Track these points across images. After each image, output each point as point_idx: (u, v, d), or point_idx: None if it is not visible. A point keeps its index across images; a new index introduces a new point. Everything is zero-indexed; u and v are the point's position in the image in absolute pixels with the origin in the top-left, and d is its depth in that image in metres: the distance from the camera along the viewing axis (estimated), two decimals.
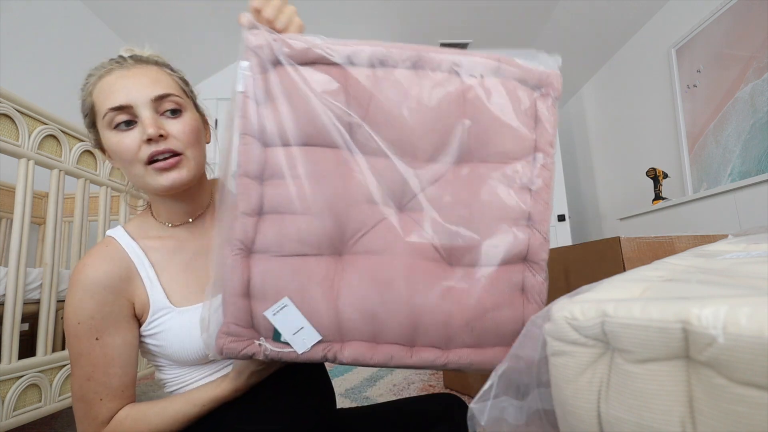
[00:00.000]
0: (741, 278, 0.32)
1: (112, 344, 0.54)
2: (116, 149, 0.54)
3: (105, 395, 0.53)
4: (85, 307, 0.53)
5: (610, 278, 0.40)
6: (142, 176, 0.54)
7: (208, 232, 0.63)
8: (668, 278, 0.38)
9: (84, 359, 0.53)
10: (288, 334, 0.43)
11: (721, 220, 1.76)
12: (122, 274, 0.55)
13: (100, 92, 0.54)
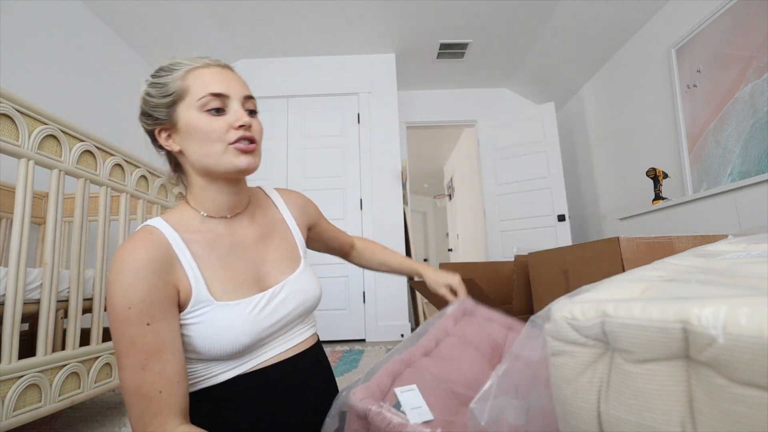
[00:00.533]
0: (741, 278, 0.32)
1: (164, 330, 0.53)
2: (204, 128, 0.59)
3: (163, 386, 0.50)
4: (137, 290, 0.52)
5: (610, 278, 0.40)
6: (221, 154, 0.59)
7: (244, 230, 0.66)
8: (668, 278, 0.37)
9: (137, 347, 0.51)
10: (407, 407, 0.55)
11: (721, 220, 1.76)
12: (167, 260, 0.56)
13: (198, 78, 0.62)
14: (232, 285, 0.60)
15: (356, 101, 3.52)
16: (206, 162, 0.60)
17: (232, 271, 0.62)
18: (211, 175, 0.62)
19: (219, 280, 0.60)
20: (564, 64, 3.56)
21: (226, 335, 0.56)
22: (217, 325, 0.56)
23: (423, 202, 8.85)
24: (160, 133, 0.63)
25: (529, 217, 3.62)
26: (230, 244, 0.64)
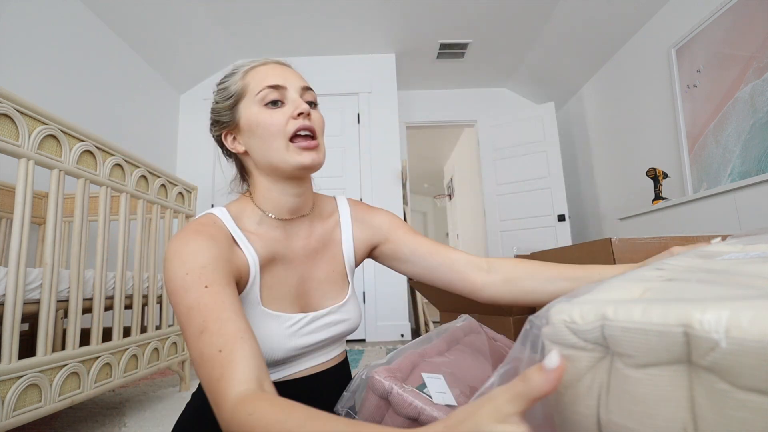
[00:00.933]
0: (740, 277, 0.31)
1: (224, 293, 0.48)
2: (265, 123, 0.58)
3: (222, 344, 0.44)
4: (197, 256, 0.50)
5: (610, 278, 0.39)
6: (283, 151, 0.57)
7: (298, 240, 0.64)
8: (668, 278, 0.37)
9: (194, 312, 0.46)
10: (433, 390, 0.55)
11: (721, 220, 1.76)
12: (227, 240, 0.55)
13: (255, 75, 0.61)
14: (278, 294, 0.59)
15: (356, 101, 3.52)
16: (270, 159, 0.59)
17: (280, 280, 0.60)
18: (275, 173, 0.60)
19: (268, 284, 0.58)
20: (564, 64, 3.56)
21: (261, 345, 0.53)
22: (258, 330, 0.54)
23: (423, 202, 8.85)
24: (226, 137, 0.63)
25: (529, 217, 3.62)
26: (283, 251, 0.62)
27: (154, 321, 1.58)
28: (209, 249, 0.51)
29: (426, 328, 3.16)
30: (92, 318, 1.25)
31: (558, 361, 0.25)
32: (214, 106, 0.64)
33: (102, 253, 1.29)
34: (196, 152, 3.41)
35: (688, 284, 0.32)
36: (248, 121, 0.60)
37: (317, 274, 0.65)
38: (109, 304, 1.36)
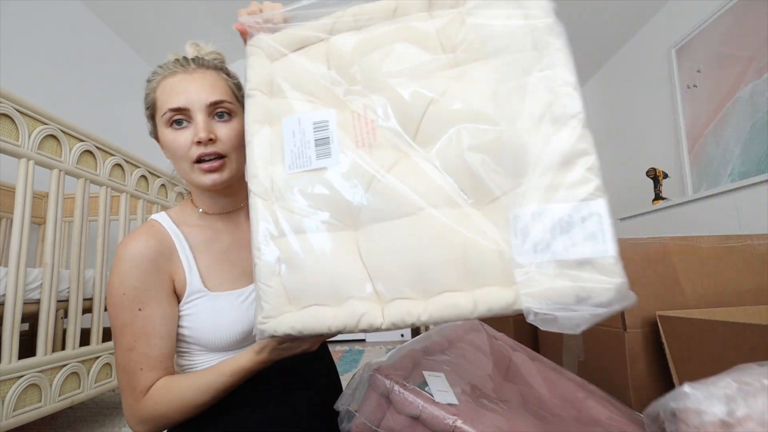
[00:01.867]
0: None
1: (153, 316, 0.56)
2: (170, 145, 0.59)
3: (145, 365, 0.55)
4: (131, 278, 0.55)
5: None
6: (189, 172, 0.60)
7: (242, 226, 0.67)
8: None
9: (127, 330, 0.55)
10: (434, 389, 0.57)
11: (721, 221, 1.76)
12: (164, 251, 0.59)
13: (162, 91, 0.60)
14: (229, 277, 0.62)
15: None
16: (182, 176, 0.62)
17: (230, 263, 0.63)
18: (187, 182, 0.64)
19: (214, 272, 0.62)
20: None
21: (220, 324, 0.58)
22: (211, 314, 0.58)
23: None
24: (157, 140, 0.64)
25: None
26: (229, 241, 0.65)
27: None
28: (143, 266, 0.56)
29: (426, 327, 3.15)
30: (92, 318, 1.25)
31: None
32: (145, 100, 0.63)
33: (102, 253, 1.29)
34: None
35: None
36: (162, 140, 0.61)
37: None
38: None
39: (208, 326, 0.58)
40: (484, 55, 0.46)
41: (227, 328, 0.58)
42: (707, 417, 0.29)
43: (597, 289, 0.35)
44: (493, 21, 0.46)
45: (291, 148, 0.50)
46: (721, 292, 0.84)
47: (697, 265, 0.85)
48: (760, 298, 0.83)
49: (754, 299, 0.83)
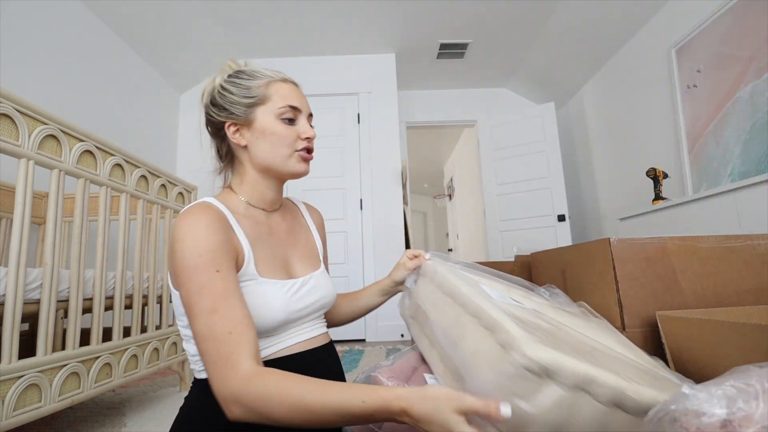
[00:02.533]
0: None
1: (230, 278, 0.57)
2: (280, 133, 0.69)
3: (232, 327, 0.52)
4: (208, 240, 0.57)
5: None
6: (286, 158, 0.70)
7: (278, 223, 0.75)
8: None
9: (206, 291, 0.54)
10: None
11: (721, 220, 1.76)
12: (226, 224, 0.62)
13: (279, 90, 0.70)
14: (271, 266, 0.66)
15: (356, 101, 3.52)
16: (271, 161, 0.70)
17: (270, 254, 0.68)
18: (269, 172, 0.71)
19: (262, 259, 0.66)
20: (564, 64, 3.56)
21: (265, 309, 0.61)
22: (257, 297, 0.61)
23: (423, 202, 8.85)
24: (230, 126, 0.70)
25: (529, 217, 3.62)
26: (267, 232, 0.71)
27: (154, 321, 1.58)
28: (217, 233, 0.58)
29: None
30: (92, 318, 1.25)
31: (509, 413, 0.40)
32: (226, 95, 0.70)
33: (102, 253, 1.29)
34: (196, 152, 3.41)
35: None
36: (263, 126, 0.69)
37: (298, 251, 0.76)
38: (109, 304, 1.36)
39: (253, 308, 0.59)
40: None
41: (270, 315, 0.61)
42: (707, 419, 0.29)
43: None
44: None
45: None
46: (721, 292, 0.84)
47: (696, 265, 0.85)
48: (760, 298, 0.83)
49: (754, 299, 0.83)
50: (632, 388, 0.42)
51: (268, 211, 0.74)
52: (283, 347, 0.65)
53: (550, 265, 1.18)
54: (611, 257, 0.84)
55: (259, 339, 0.61)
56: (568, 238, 3.42)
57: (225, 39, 3.24)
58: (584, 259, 0.96)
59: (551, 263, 1.17)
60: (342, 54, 3.58)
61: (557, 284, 1.07)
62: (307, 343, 0.68)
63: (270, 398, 0.47)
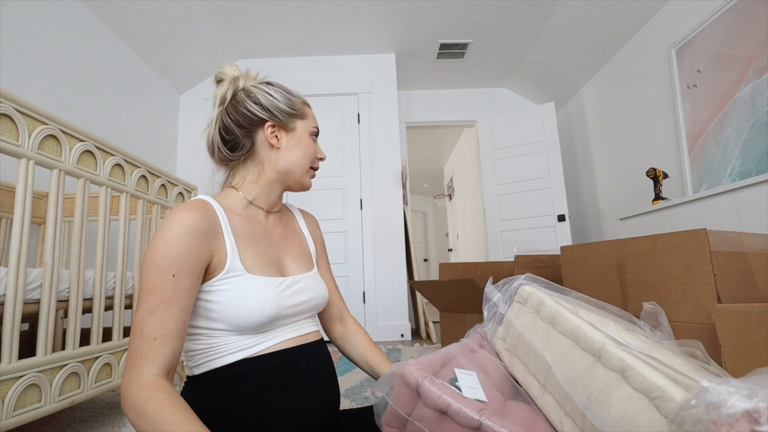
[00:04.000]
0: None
1: (182, 285, 0.58)
2: (309, 147, 0.77)
3: (159, 335, 0.55)
4: (178, 244, 0.59)
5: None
6: (304, 171, 0.77)
7: (273, 225, 0.79)
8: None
9: (155, 292, 0.57)
10: (463, 385, 0.59)
11: (721, 220, 1.76)
12: (212, 227, 0.64)
13: (310, 112, 0.80)
14: (261, 263, 0.68)
15: (356, 101, 3.52)
16: (294, 168, 0.75)
17: (262, 252, 0.70)
18: (286, 177, 0.76)
19: (251, 256, 0.68)
20: (564, 64, 3.56)
21: (253, 303, 0.62)
22: (246, 292, 0.63)
23: (423, 202, 8.85)
24: (269, 126, 0.74)
25: (529, 217, 3.62)
26: (262, 231, 0.74)
27: None
28: (191, 236, 0.60)
29: (426, 328, 3.15)
30: (92, 318, 1.25)
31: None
32: (271, 98, 0.74)
33: (102, 253, 1.29)
34: (196, 152, 3.41)
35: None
36: (301, 136, 0.76)
37: (291, 252, 0.78)
38: (109, 304, 1.36)
39: (241, 303, 0.62)
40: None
41: (259, 309, 0.62)
42: (726, 410, 0.29)
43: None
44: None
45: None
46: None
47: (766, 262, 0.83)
48: None
49: None
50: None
51: (266, 211, 0.77)
52: (271, 344, 0.66)
53: (594, 260, 1.07)
54: (708, 249, 0.79)
55: (249, 336, 0.64)
56: (568, 238, 3.42)
57: (225, 39, 3.24)
58: (663, 251, 0.89)
59: (597, 257, 1.06)
60: (342, 54, 3.58)
61: (607, 279, 1.00)
62: (296, 340, 0.69)
63: (144, 412, 0.50)
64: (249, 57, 3.54)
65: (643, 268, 0.93)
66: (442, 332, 1.73)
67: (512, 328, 0.74)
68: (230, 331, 0.63)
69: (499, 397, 0.61)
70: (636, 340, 0.61)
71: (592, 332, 0.58)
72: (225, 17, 3.00)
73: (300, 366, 0.67)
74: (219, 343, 0.63)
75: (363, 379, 1.86)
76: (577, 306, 0.72)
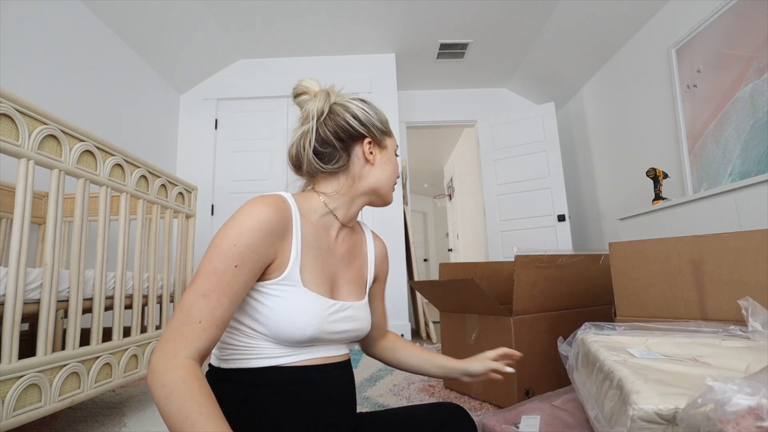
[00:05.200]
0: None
1: (240, 278, 0.58)
2: (395, 166, 0.79)
3: (205, 319, 0.55)
4: (250, 236, 0.59)
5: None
6: (390, 188, 0.78)
7: (341, 241, 0.76)
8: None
9: (215, 277, 0.56)
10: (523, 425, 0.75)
11: (721, 220, 1.76)
12: (284, 228, 0.64)
13: (392, 136, 0.81)
14: (317, 279, 0.67)
15: None
16: (383, 185, 0.76)
17: (321, 267, 0.69)
18: (373, 193, 0.76)
19: (310, 269, 0.67)
20: (564, 64, 3.56)
21: (300, 319, 0.62)
22: (295, 306, 0.62)
23: (423, 202, 8.85)
24: (367, 143, 0.75)
25: (529, 217, 3.62)
26: (328, 246, 0.72)
27: (155, 321, 1.58)
28: (263, 232, 0.60)
29: (426, 328, 3.15)
30: (92, 318, 1.25)
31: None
32: (368, 116, 0.77)
33: (102, 253, 1.29)
34: (196, 152, 3.41)
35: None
36: (391, 154, 0.79)
37: (348, 273, 0.76)
38: (109, 304, 1.36)
39: (287, 315, 0.61)
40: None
41: (303, 324, 0.62)
42: (730, 407, 0.29)
43: None
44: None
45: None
46: None
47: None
48: None
49: None
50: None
51: (341, 224, 0.76)
52: (303, 358, 0.65)
53: (656, 257, 1.02)
54: None
55: (283, 347, 0.63)
56: (568, 238, 3.42)
57: (225, 39, 3.24)
58: (755, 248, 0.85)
59: (664, 254, 1.00)
60: (342, 54, 3.58)
61: (680, 278, 0.97)
62: (328, 359, 0.69)
63: (173, 393, 0.50)
64: (249, 57, 3.54)
65: (730, 265, 0.87)
66: (442, 332, 1.73)
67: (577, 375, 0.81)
68: (268, 338, 0.62)
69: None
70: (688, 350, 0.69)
71: (610, 357, 0.66)
72: (225, 17, 3.00)
73: (327, 384, 0.67)
74: (254, 345, 0.63)
75: (363, 378, 1.86)
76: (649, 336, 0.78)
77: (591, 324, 0.86)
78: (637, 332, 0.80)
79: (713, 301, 0.90)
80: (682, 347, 0.71)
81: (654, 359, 0.64)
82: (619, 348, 0.70)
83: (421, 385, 1.72)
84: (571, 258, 1.45)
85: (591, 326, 0.85)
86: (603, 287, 1.50)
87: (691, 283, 0.94)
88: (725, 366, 0.61)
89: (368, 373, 1.97)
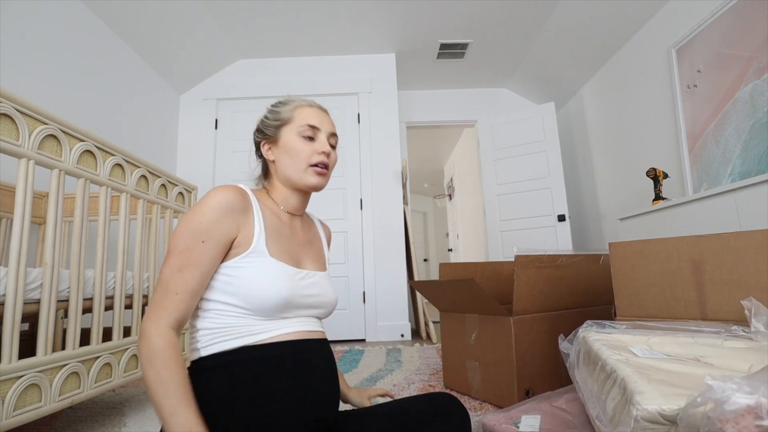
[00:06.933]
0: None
1: (208, 252, 0.65)
2: (297, 148, 0.79)
3: (181, 291, 0.63)
4: (212, 214, 0.66)
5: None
6: (302, 171, 0.78)
7: (298, 227, 0.85)
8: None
9: (185, 253, 0.64)
10: (524, 425, 0.76)
11: (721, 220, 1.76)
12: (244, 207, 0.71)
13: (302, 112, 0.81)
14: (282, 252, 0.74)
15: (356, 101, 3.52)
16: (291, 174, 0.79)
17: (285, 245, 0.76)
18: (289, 183, 0.81)
19: (277, 246, 0.73)
20: (564, 64, 3.56)
21: (271, 284, 0.67)
22: (266, 273, 0.68)
23: (423, 202, 8.85)
24: (264, 144, 0.82)
25: (529, 217, 3.62)
26: (289, 230, 0.80)
27: None
28: (226, 211, 0.67)
29: (426, 328, 3.15)
30: (92, 318, 1.25)
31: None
32: (264, 120, 0.83)
33: (102, 253, 1.29)
34: (196, 152, 3.41)
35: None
36: (286, 142, 0.79)
37: (310, 253, 0.84)
38: (109, 304, 1.36)
39: (259, 282, 0.66)
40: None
41: (276, 290, 0.67)
42: (729, 406, 0.29)
43: None
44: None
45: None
46: None
47: None
48: None
49: None
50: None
51: (291, 214, 0.83)
52: (280, 333, 0.69)
53: (656, 258, 1.01)
54: None
55: (260, 320, 0.67)
56: (568, 238, 3.42)
57: (225, 39, 3.24)
58: (756, 248, 0.84)
59: (664, 254, 0.99)
60: (342, 54, 3.58)
61: (680, 278, 0.96)
62: (303, 334, 0.72)
63: (156, 358, 0.59)
64: (249, 57, 3.54)
65: (730, 265, 0.87)
66: (442, 332, 1.73)
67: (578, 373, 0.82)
68: (244, 310, 0.66)
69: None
70: (690, 349, 0.70)
71: (610, 354, 0.68)
72: (225, 17, 3.00)
73: (306, 358, 0.69)
74: (233, 323, 0.66)
75: (363, 378, 1.86)
76: (651, 335, 0.79)
77: (592, 322, 0.86)
78: (638, 331, 0.80)
79: (713, 302, 0.90)
80: (684, 347, 0.71)
81: (656, 359, 0.65)
82: (621, 347, 0.71)
83: (421, 385, 1.72)
84: (571, 258, 1.45)
85: (592, 324, 0.86)
86: (603, 287, 1.50)
87: (691, 284, 0.94)
88: (728, 366, 0.61)
89: (368, 373, 1.97)
